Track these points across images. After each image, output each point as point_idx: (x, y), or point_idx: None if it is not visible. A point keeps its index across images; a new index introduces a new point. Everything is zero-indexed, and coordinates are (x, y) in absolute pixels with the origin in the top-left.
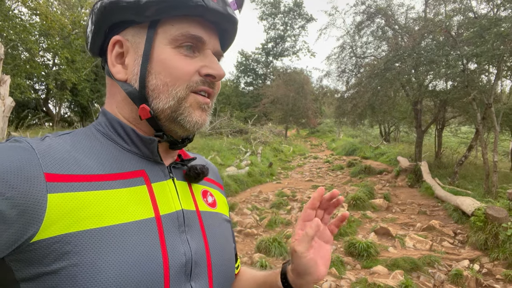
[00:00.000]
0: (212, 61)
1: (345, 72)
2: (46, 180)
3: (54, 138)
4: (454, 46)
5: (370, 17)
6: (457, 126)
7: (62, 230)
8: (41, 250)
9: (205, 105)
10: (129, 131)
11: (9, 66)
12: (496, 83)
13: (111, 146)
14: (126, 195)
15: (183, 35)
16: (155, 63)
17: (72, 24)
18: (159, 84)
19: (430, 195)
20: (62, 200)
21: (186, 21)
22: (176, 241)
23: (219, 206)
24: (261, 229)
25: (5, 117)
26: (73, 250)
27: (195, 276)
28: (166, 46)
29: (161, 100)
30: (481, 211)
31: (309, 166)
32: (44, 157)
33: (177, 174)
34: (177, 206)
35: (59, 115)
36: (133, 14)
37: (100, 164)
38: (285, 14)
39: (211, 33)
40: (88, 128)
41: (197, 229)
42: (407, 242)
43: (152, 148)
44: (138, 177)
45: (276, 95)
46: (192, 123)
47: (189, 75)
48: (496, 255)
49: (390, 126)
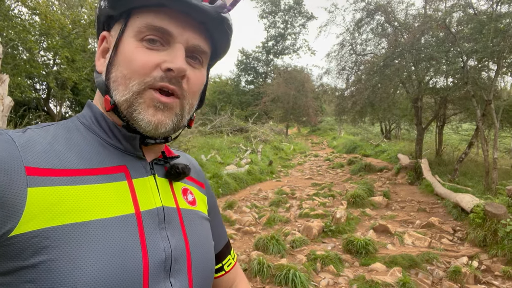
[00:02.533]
0: (176, 55)
1: (345, 70)
2: (27, 173)
3: (36, 130)
4: (453, 42)
5: (370, 14)
6: (458, 123)
7: (41, 224)
8: (19, 244)
9: (161, 104)
10: (111, 125)
11: (9, 66)
12: (496, 79)
13: (94, 140)
14: (107, 191)
15: (145, 26)
16: (119, 55)
17: (72, 23)
18: (119, 76)
19: (430, 192)
20: (42, 194)
21: (153, 12)
22: (156, 238)
23: (198, 204)
24: (259, 227)
25: (4, 117)
26: (52, 245)
27: (175, 272)
28: (131, 38)
29: (119, 92)
30: (480, 207)
31: (309, 164)
32: (25, 150)
33: (159, 170)
34: (157, 203)
35: (60, 114)
36: (110, 9)
37: (81, 158)
38: (286, 12)
39: (185, 26)
40: (71, 121)
41: (177, 226)
42: (406, 239)
43: (135, 144)
44: (119, 173)
45: (277, 93)
46: (145, 122)
47: (147, 68)
48: (495, 252)
49: (391, 124)
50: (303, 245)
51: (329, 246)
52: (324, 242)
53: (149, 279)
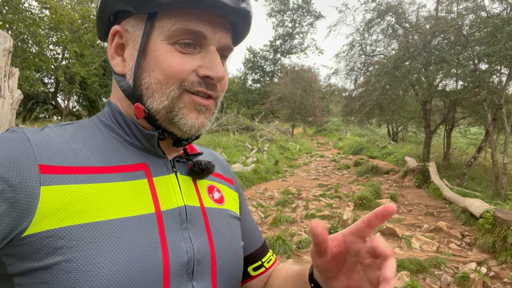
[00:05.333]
0: (213, 60)
1: (354, 70)
2: (40, 172)
3: (54, 128)
4: (465, 45)
5: (380, 14)
6: (466, 127)
7: (55, 224)
8: (33, 244)
9: (202, 107)
10: (130, 123)
11: (18, 59)
12: (508, 83)
13: (113, 138)
14: (126, 189)
15: (180, 30)
16: (149, 60)
17: (81, 18)
18: (153, 82)
19: (438, 196)
20: (56, 193)
21: (185, 13)
22: (177, 238)
23: (227, 202)
24: (265, 227)
25: (13, 110)
26: (67, 245)
27: (198, 275)
28: (162, 41)
29: (155, 99)
30: (490, 213)
31: (315, 165)
32: (40, 148)
33: (181, 168)
34: (179, 202)
35: (67, 108)
36: (129, 5)
37: (99, 156)
38: (294, 11)
39: (216, 26)
40: (91, 120)
41: (201, 226)
42: (413, 243)
43: (153, 142)
44: (139, 171)
45: (284, 93)
46: (188, 126)
47: (184, 73)
48: (504, 258)
49: (398, 126)
50: (310, 246)
51: None
52: None
53: (169, 281)
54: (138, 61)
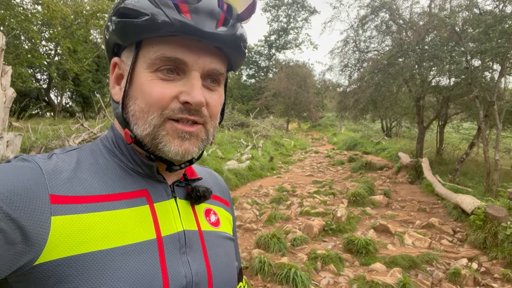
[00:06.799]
0: (193, 85)
1: (348, 67)
2: (51, 202)
3: (61, 155)
4: (458, 42)
5: (374, 10)
6: (459, 122)
7: (65, 253)
8: (43, 272)
9: (186, 134)
10: (130, 150)
11: (11, 56)
12: (500, 80)
13: (116, 164)
14: (129, 216)
15: (159, 58)
16: (135, 88)
17: (74, 14)
18: (137, 110)
19: (431, 192)
20: (65, 223)
21: (165, 41)
22: (177, 263)
23: (222, 224)
24: (260, 224)
25: (6, 108)
26: (75, 273)
27: None
28: (145, 70)
29: (139, 126)
30: (481, 210)
31: (310, 161)
32: (51, 178)
33: (180, 193)
34: (178, 227)
35: (60, 105)
36: (117, 38)
37: (104, 184)
38: (289, 6)
39: (199, 52)
40: (96, 144)
41: (199, 250)
42: (406, 240)
43: (153, 170)
44: (140, 197)
45: (278, 88)
46: (172, 153)
47: (164, 101)
48: (494, 254)
49: (392, 121)
50: (304, 243)
51: (329, 245)
52: (325, 241)
53: None
54: (125, 89)
